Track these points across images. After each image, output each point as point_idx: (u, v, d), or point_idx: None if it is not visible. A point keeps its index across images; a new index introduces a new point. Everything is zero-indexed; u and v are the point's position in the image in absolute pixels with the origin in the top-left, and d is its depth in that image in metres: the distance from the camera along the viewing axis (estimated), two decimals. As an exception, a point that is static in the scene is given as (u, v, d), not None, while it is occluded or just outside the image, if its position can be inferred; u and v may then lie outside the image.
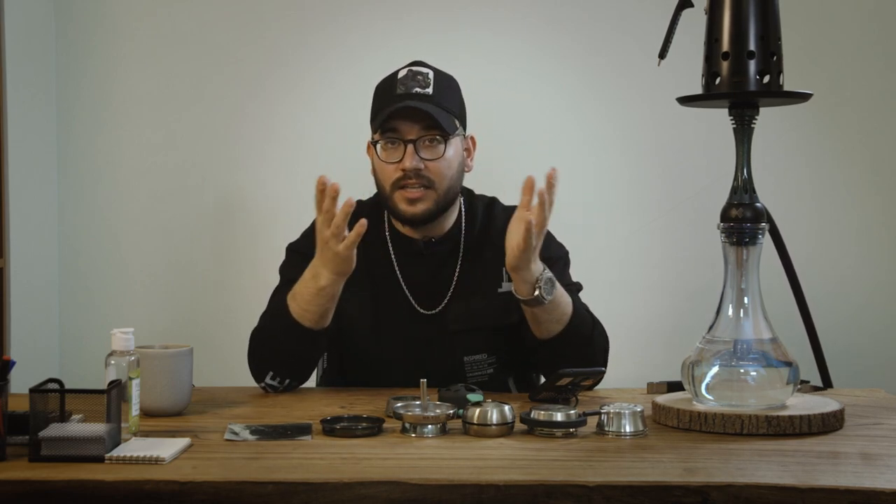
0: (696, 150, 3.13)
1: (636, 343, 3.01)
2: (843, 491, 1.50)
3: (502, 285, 2.31)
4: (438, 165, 2.26)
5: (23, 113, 2.97)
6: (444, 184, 2.27)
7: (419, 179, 2.25)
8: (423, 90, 2.27)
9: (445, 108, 2.27)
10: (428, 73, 2.29)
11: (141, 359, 1.85)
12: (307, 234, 2.39)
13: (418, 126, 2.25)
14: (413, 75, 2.28)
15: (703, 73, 1.95)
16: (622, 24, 3.14)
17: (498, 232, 2.32)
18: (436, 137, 2.26)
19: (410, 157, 2.24)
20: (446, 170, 2.27)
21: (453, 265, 2.35)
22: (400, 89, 2.27)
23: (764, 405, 1.88)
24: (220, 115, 3.17)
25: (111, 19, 3.16)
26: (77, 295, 3.18)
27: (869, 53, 3.13)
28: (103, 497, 1.52)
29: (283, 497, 1.51)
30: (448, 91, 2.31)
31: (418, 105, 2.24)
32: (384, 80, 2.34)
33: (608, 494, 1.51)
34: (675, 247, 3.15)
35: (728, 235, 1.94)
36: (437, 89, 2.28)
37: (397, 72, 2.32)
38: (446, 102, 2.29)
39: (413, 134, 2.25)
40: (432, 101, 2.26)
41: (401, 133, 2.25)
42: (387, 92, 2.30)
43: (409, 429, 1.83)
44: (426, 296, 2.33)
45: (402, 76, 2.29)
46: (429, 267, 2.34)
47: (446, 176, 2.27)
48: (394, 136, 2.26)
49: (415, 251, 2.34)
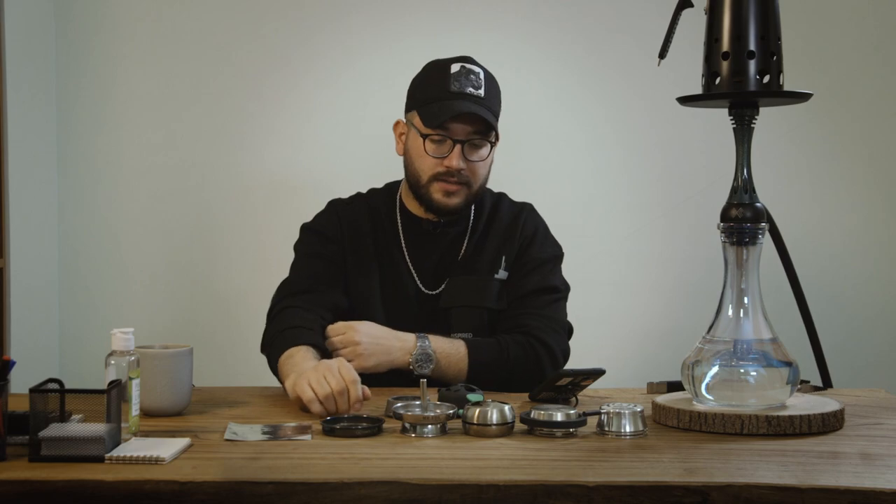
0: (696, 150, 3.14)
1: (636, 343, 3.01)
2: (843, 491, 1.50)
3: (499, 272, 2.39)
4: (479, 167, 2.34)
5: (23, 113, 2.97)
6: (479, 182, 2.37)
7: (459, 177, 2.32)
8: (476, 91, 2.32)
9: (494, 112, 2.34)
10: (479, 73, 2.34)
11: (141, 359, 1.85)
12: (323, 213, 2.46)
13: (470, 128, 2.30)
14: (466, 73, 2.32)
15: (703, 73, 1.95)
16: (622, 24, 3.14)
17: (503, 222, 2.44)
18: (484, 141, 2.32)
19: (458, 157, 2.30)
20: (483, 170, 2.36)
21: (458, 248, 2.41)
22: (454, 86, 2.31)
23: (764, 405, 1.88)
24: (220, 115, 3.17)
25: (111, 19, 3.16)
26: (77, 295, 3.18)
27: (869, 53, 3.13)
28: (103, 497, 1.52)
29: (283, 497, 1.51)
30: (495, 94, 2.37)
31: (475, 110, 2.28)
32: (434, 70, 2.36)
33: (608, 494, 1.51)
34: (675, 247, 3.16)
35: (728, 235, 1.94)
36: (488, 92, 2.33)
37: (448, 65, 2.33)
38: (495, 106, 2.35)
39: (463, 135, 2.30)
40: (484, 104, 2.31)
41: (451, 132, 2.30)
42: (439, 86, 2.32)
43: (409, 429, 1.83)
44: (430, 276, 2.39)
45: (454, 71, 2.32)
46: (435, 248, 2.41)
47: (482, 176, 2.37)
48: (444, 135, 2.30)
49: (423, 232, 2.40)
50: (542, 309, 2.35)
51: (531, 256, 2.40)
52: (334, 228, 2.41)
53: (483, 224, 2.43)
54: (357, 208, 2.44)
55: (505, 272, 2.39)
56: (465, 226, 2.42)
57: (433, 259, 2.40)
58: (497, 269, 2.39)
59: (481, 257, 2.40)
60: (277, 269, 2.44)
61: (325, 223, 2.43)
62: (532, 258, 2.40)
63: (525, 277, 2.38)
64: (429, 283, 2.39)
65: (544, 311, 2.34)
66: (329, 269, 2.37)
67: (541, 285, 2.37)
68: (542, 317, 2.33)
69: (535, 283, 2.37)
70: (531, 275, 2.38)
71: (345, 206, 2.46)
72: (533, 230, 2.43)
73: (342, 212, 2.44)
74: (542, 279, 2.38)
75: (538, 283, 2.37)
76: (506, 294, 2.38)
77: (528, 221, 2.44)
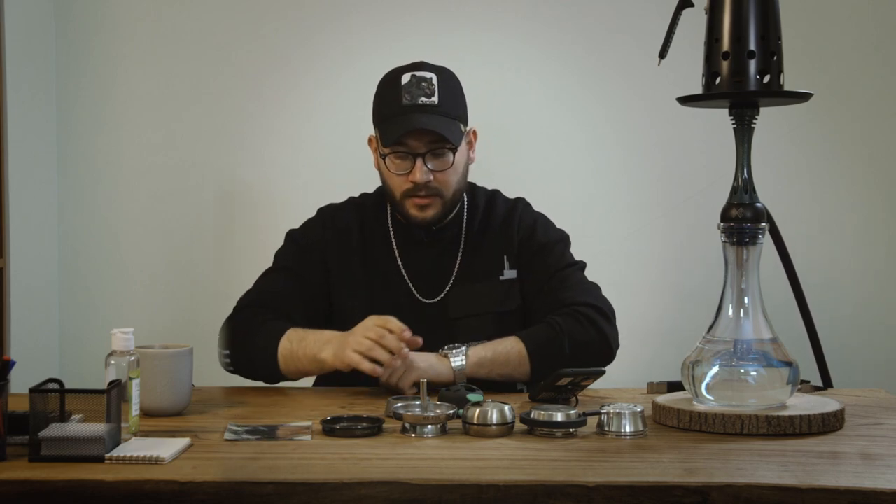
0: (696, 150, 3.13)
1: (636, 343, 3.01)
2: (843, 491, 1.50)
3: (504, 273, 2.36)
4: (446, 175, 2.30)
5: (23, 113, 2.97)
6: (452, 189, 2.32)
7: (428, 189, 2.29)
8: (429, 99, 2.28)
9: (452, 116, 2.30)
10: (432, 79, 2.30)
11: (141, 359, 1.85)
12: (309, 222, 2.43)
13: (426, 139, 2.27)
14: (417, 82, 2.29)
15: (703, 73, 1.95)
16: (622, 24, 3.13)
17: (498, 220, 2.40)
18: (444, 150, 2.29)
19: (420, 171, 2.27)
20: (453, 177, 2.32)
21: (455, 253, 2.38)
22: (406, 99, 2.28)
23: (764, 405, 1.88)
24: (220, 115, 3.17)
25: (111, 19, 3.16)
26: (77, 295, 3.18)
27: (869, 53, 3.13)
28: (103, 497, 1.52)
29: (283, 497, 1.51)
30: (452, 95, 2.32)
31: (426, 123, 2.25)
32: (387, 83, 2.34)
33: (608, 494, 1.51)
34: (675, 247, 3.15)
35: (728, 235, 1.94)
36: (443, 96, 2.29)
37: (400, 76, 2.31)
38: (452, 110, 2.31)
39: (421, 147, 2.28)
40: (439, 111, 2.28)
41: (409, 147, 2.28)
42: (391, 100, 2.30)
43: (409, 429, 1.83)
44: (427, 285, 2.36)
45: (405, 83, 2.29)
46: (430, 255, 2.37)
47: (453, 182, 2.32)
48: (403, 151, 2.28)
49: (416, 240, 2.37)
50: (565, 281, 2.31)
51: (538, 244, 2.36)
52: (316, 237, 2.38)
53: (478, 225, 2.40)
54: (347, 215, 2.41)
55: (512, 271, 2.36)
56: (459, 229, 2.39)
57: (428, 266, 2.37)
58: (501, 269, 2.36)
59: (481, 260, 2.37)
60: (277, 268, 2.44)
61: (308, 231, 2.40)
62: (539, 245, 2.36)
63: (539, 266, 2.34)
64: (425, 291, 2.36)
65: (571, 282, 2.31)
66: (295, 284, 2.33)
67: (558, 266, 2.34)
68: (572, 287, 2.29)
69: (552, 265, 2.34)
70: (544, 260, 2.35)
71: (334, 212, 2.43)
72: (532, 221, 2.40)
73: (329, 219, 2.41)
74: (557, 260, 2.35)
75: (555, 264, 2.34)
76: (518, 292, 2.35)
77: (525, 215, 2.41)
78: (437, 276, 2.36)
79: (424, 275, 2.36)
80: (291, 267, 2.36)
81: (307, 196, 2.71)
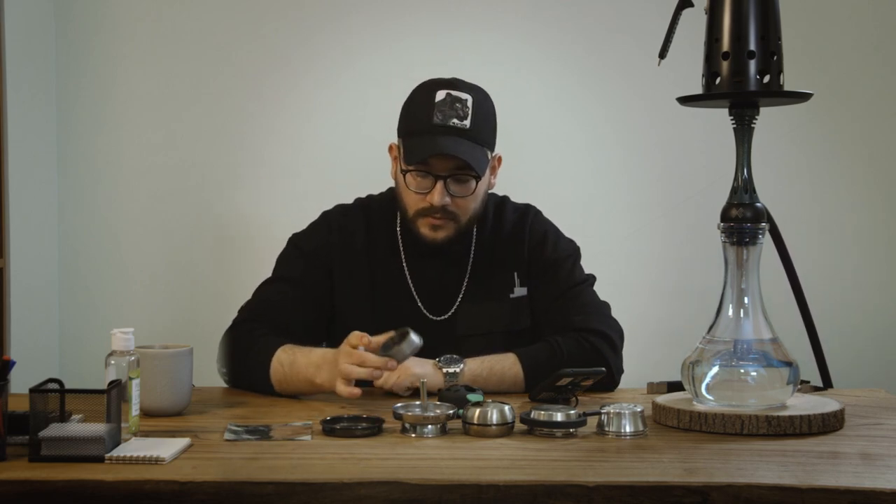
0: (696, 150, 3.13)
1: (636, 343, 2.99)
2: (843, 491, 1.50)
3: (514, 290, 2.31)
4: (466, 202, 2.23)
5: (23, 113, 2.97)
6: (468, 215, 2.26)
7: (444, 213, 2.22)
8: (461, 122, 2.18)
9: (481, 142, 2.22)
10: (467, 101, 2.20)
11: (141, 359, 1.85)
12: (314, 226, 2.38)
13: (452, 164, 2.19)
14: (451, 101, 2.19)
15: (703, 73, 1.94)
16: (622, 24, 3.13)
17: (508, 233, 2.34)
18: (468, 177, 2.22)
19: (440, 194, 2.20)
20: (472, 204, 2.25)
21: (464, 268, 2.33)
22: (437, 118, 2.18)
23: (764, 405, 1.88)
24: (220, 115, 3.17)
25: (111, 19, 3.16)
26: (77, 295, 3.18)
27: (869, 53, 3.13)
28: (103, 497, 1.52)
29: (283, 497, 1.51)
30: (485, 121, 2.23)
31: (454, 150, 2.16)
32: (420, 96, 2.24)
33: (608, 494, 1.51)
34: (675, 247, 3.15)
35: (728, 235, 1.94)
36: (475, 121, 2.20)
37: (434, 91, 2.21)
38: (483, 136, 2.22)
39: (445, 171, 2.20)
40: (469, 136, 2.19)
41: (433, 167, 2.20)
42: (422, 116, 2.21)
43: (409, 429, 1.83)
44: (436, 301, 2.31)
45: (439, 100, 2.19)
46: (439, 270, 2.32)
47: (471, 209, 2.26)
48: (425, 171, 2.21)
49: (425, 252, 2.30)
50: (575, 301, 2.27)
51: (548, 259, 2.31)
52: (321, 241, 2.32)
53: (487, 238, 2.34)
54: (354, 218, 2.35)
55: (523, 288, 2.30)
56: (469, 241, 2.33)
57: (437, 282, 2.31)
58: (511, 287, 2.31)
59: (491, 276, 2.31)
60: (277, 268, 2.43)
61: (313, 236, 2.34)
62: (550, 261, 2.31)
63: (549, 283, 2.30)
64: (433, 307, 2.31)
65: (580, 302, 2.26)
66: (295, 293, 2.27)
67: (568, 284, 2.29)
68: (582, 309, 2.25)
69: (562, 284, 2.29)
70: (554, 278, 2.30)
71: (340, 216, 2.36)
72: (542, 233, 2.35)
73: (335, 223, 2.34)
74: (567, 278, 2.29)
75: (565, 282, 2.29)
76: (528, 310, 2.30)
77: (535, 225, 2.35)
78: (445, 293, 2.31)
79: (432, 291, 2.31)
80: (292, 276, 2.30)
81: (307, 196, 2.71)
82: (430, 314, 2.31)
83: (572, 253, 2.37)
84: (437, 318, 2.31)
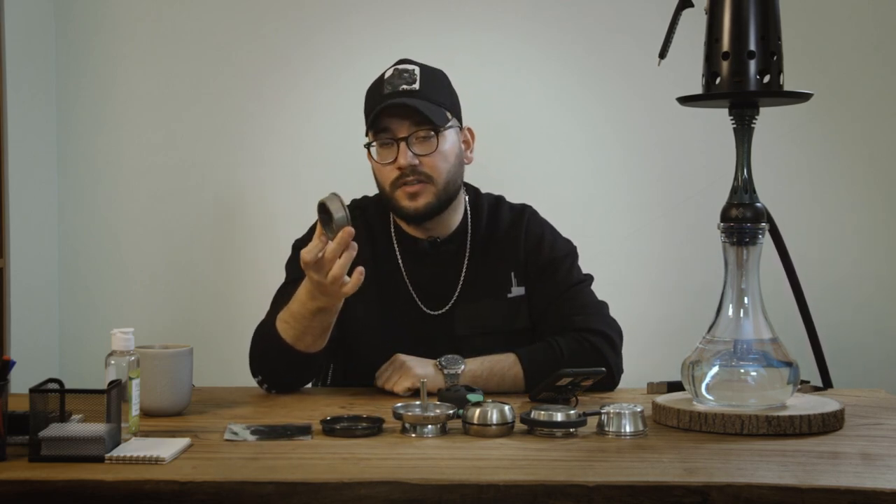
0: (696, 150, 3.13)
1: (636, 343, 3.00)
2: (843, 491, 1.50)
3: (511, 290, 2.32)
4: (433, 160, 2.25)
5: (23, 113, 2.97)
6: (443, 177, 2.27)
7: (416, 175, 2.24)
8: (410, 86, 2.26)
9: (434, 101, 2.27)
10: (414, 70, 2.29)
11: (141, 359, 1.85)
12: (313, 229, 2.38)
13: (408, 122, 2.24)
14: (399, 73, 2.28)
15: (703, 73, 1.94)
16: (622, 24, 3.14)
17: (504, 232, 2.36)
18: (428, 132, 2.25)
19: (404, 154, 2.24)
20: (442, 163, 2.26)
21: (459, 265, 2.34)
22: (387, 88, 2.27)
23: (764, 405, 1.88)
24: (220, 115, 3.17)
25: (111, 19, 3.16)
26: (77, 295, 3.18)
27: (869, 53, 3.13)
28: (103, 497, 1.52)
29: (283, 497, 1.51)
30: (435, 84, 2.30)
31: (405, 101, 2.23)
32: (373, 83, 2.34)
33: (608, 494, 1.51)
34: (675, 247, 3.15)
35: (728, 235, 1.94)
36: (424, 83, 2.27)
37: (384, 72, 2.31)
38: (435, 95, 2.28)
39: (404, 131, 2.25)
40: (419, 95, 2.25)
41: (392, 132, 2.25)
42: (375, 93, 2.30)
43: (409, 429, 1.83)
44: (432, 296, 2.33)
45: (388, 76, 2.29)
46: (434, 267, 2.33)
47: (443, 169, 2.27)
48: (386, 137, 2.26)
49: (420, 251, 2.33)
50: (574, 301, 2.28)
51: (545, 259, 2.33)
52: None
53: (482, 234, 2.36)
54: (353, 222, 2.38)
55: (520, 288, 2.31)
56: (463, 238, 2.35)
57: (432, 277, 2.33)
58: (509, 286, 2.32)
59: (487, 274, 2.33)
60: (277, 269, 2.43)
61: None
62: (547, 261, 2.33)
63: (547, 284, 2.31)
64: (430, 303, 2.32)
65: (577, 303, 2.28)
66: None
67: (566, 284, 2.30)
68: (581, 309, 2.26)
69: (560, 284, 2.30)
70: (552, 278, 2.31)
71: None
72: (538, 233, 2.36)
73: None
74: (565, 277, 2.31)
75: (563, 282, 2.30)
76: (527, 310, 2.31)
77: (531, 225, 2.37)
78: (441, 288, 2.32)
79: (428, 286, 2.32)
80: (300, 276, 2.31)
81: (307, 196, 2.70)
82: (427, 309, 2.32)
83: (569, 253, 2.38)
84: (435, 312, 2.32)
